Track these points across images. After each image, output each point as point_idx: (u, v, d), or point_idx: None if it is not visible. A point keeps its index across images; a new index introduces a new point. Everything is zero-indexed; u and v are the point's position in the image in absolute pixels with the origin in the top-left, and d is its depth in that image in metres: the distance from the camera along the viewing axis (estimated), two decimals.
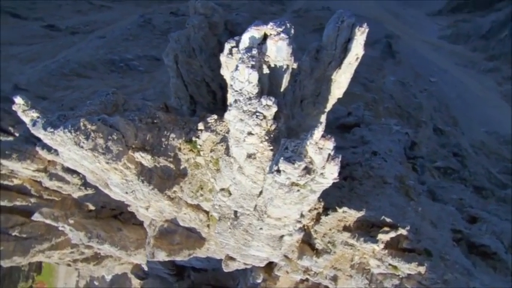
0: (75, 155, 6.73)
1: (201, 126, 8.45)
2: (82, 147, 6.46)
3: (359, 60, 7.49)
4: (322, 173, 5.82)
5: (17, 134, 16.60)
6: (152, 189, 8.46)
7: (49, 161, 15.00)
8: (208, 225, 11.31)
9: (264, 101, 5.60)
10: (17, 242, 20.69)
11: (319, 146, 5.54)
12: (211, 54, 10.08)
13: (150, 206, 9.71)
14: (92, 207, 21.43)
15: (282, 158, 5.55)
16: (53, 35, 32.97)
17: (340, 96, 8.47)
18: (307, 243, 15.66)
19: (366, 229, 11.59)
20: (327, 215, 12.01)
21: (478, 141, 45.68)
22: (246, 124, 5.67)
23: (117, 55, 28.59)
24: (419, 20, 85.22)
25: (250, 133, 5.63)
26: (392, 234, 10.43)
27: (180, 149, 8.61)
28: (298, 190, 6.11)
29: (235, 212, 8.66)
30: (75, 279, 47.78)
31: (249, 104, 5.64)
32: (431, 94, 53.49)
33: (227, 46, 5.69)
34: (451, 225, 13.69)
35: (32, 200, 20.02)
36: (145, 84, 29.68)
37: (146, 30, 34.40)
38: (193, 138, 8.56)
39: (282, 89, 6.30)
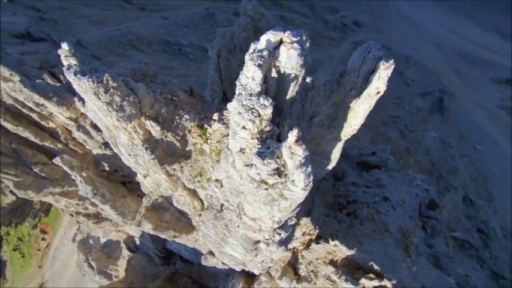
0: (94, 106, 7.35)
1: (215, 116, 8.77)
2: (99, 98, 7.04)
3: (380, 95, 7.39)
4: (293, 180, 5.81)
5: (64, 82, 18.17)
6: (153, 159, 8.88)
7: (81, 114, 16.22)
8: (200, 215, 11.51)
9: (261, 99, 5.77)
10: (35, 178, 22.35)
11: (291, 151, 5.57)
12: None
13: (149, 176, 10.15)
14: (106, 168, 22.64)
15: (256, 152, 5.69)
16: (124, 6, 35.95)
17: (357, 126, 8.37)
18: (292, 267, 15.33)
19: (352, 269, 11.12)
20: (318, 243, 11.74)
21: (510, 225, 42.00)
22: (242, 118, 5.88)
23: (173, 38, 30.36)
24: (482, 84, 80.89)
25: (244, 127, 5.82)
26: (376, 283, 9.91)
27: (190, 131, 8.98)
28: (266, 189, 6.14)
29: (222, 205, 8.81)
30: (74, 232, 50.14)
31: (249, 100, 5.85)
32: (472, 162, 50.27)
33: (252, 46, 5.99)
34: None
35: (59, 145, 21.58)
36: (190, 71, 31.08)
37: (206, 23, 36.19)
38: (205, 126, 8.90)
39: (287, 97, 6.43)
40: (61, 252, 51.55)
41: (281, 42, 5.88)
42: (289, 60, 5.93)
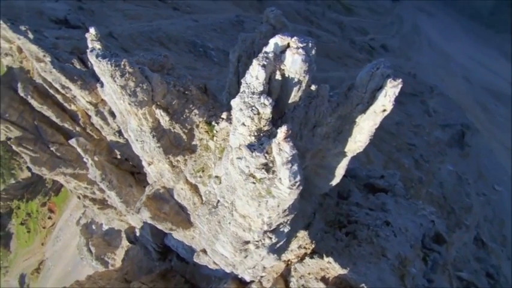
0: (110, 89, 7.75)
1: (224, 115, 8.96)
2: (115, 81, 7.44)
3: (386, 113, 7.36)
4: (280, 178, 5.83)
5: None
6: (158, 147, 9.15)
7: (101, 100, 16.89)
8: None
9: (262, 98, 5.92)
10: (50, 157, 23.25)
11: (280, 147, 5.62)
12: None
13: (153, 164, 10.43)
14: (118, 156, 23.28)
15: (247, 145, 5.80)
16: (159, 4, 37.48)
17: (361, 143, 8.32)
18: (284, 279, 15.12)
19: None
20: (312, 257, 11.61)
21: None
22: (242, 114, 6.04)
23: (200, 40, 31.27)
24: (509, 123, 78.10)
25: (243, 124, 5.96)
26: None
27: (197, 126, 9.21)
28: (254, 183, 6.20)
29: (218, 201, 8.92)
30: (80, 215, 51.26)
31: (250, 98, 6.02)
32: (488, 202, 48.21)
33: (264, 49, 6.20)
34: None
35: (77, 128, 22.44)
36: (212, 74, 31.79)
37: (235, 30, 37.08)
38: (213, 123, 9.10)
39: (290, 101, 6.54)
40: (64, 233, 52.82)
41: (288, 46, 6.07)
42: (294, 64, 6.13)
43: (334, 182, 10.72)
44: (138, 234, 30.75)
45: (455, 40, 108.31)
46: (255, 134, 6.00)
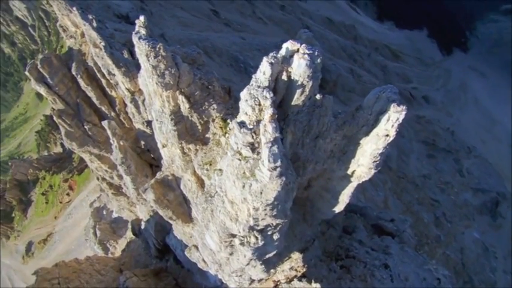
0: (144, 68, 8.63)
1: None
2: (148, 60, 8.31)
3: (389, 139, 7.38)
4: (263, 160, 5.96)
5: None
6: (174, 131, 9.80)
7: (139, 90, 18.17)
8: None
9: (265, 92, 6.28)
10: (82, 134, 24.99)
11: (265, 128, 5.78)
12: None
13: (167, 147, 11.03)
14: (142, 147, 24.47)
15: (238, 121, 6.14)
16: (212, 17, 40.06)
17: (365, 169, 8.25)
18: None
19: None
20: (300, 280, 11.29)
21: None
22: (246, 104, 6.40)
23: (243, 57, 32.74)
24: None
25: (245, 113, 6.32)
26: None
27: (213, 120, 9.68)
28: (240, 160, 6.64)
29: (216, 192, 9.20)
30: (94, 198, 53.10)
31: (255, 90, 6.45)
32: None
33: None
34: None
35: (112, 113, 24.07)
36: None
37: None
38: (228, 120, 9.52)
39: (293, 103, 6.83)
40: (77, 212, 54.93)
41: (297, 52, 6.49)
42: (299, 68, 6.64)
43: (337, 209, 10.53)
44: (143, 227, 31.30)
45: (506, 104, 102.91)
46: (254, 123, 6.35)
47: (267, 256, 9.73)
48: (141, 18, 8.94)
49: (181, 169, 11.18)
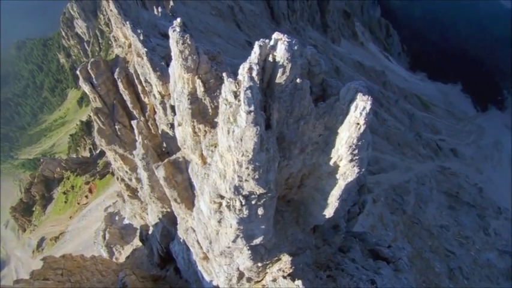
0: (172, 52, 10.24)
1: None
2: (177, 45, 10.08)
3: (360, 128, 8.36)
4: (241, 106, 7.36)
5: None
6: (188, 109, 11.17)
7: (168, 94, 19.92)
8: None
9: (253, 65, 8.09)
10: (112, 133, 27.00)
11: (243, 78, 7.67)
12: None
13: (182, 125, 12.24)
14: (163, 149, 25.96)
15: (227, 73, 7.99)
16: (246, 48, 43.26)
17: (345, 161, 8.93)
18: None
19: None
20: (284, 278, 11.45)
21: None
22: (240, 74, 8.14)
23: None
24: None
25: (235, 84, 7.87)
26: None
27: None
28: (225, 104, 8.05)
29: (210, 164, 10.51)
30: (110, 204, 54.58)
31: (247, 63, 8.25)
32: None
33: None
34: None
35: (142, 118, 26.09)
36: None
37: None
38: None
39: (276, 81, 8.61)
40: (91, 215, 56.55)
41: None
42: (280, 51, 8.32)
43: (327, 213, 10.87)
44: (150, 232, 31.87)
45: None
46: (233, 94, 7.81)
47: (254, 242, 10.17)
48: (178, 19, 10.68)
49: (191, 150, 12.31)
